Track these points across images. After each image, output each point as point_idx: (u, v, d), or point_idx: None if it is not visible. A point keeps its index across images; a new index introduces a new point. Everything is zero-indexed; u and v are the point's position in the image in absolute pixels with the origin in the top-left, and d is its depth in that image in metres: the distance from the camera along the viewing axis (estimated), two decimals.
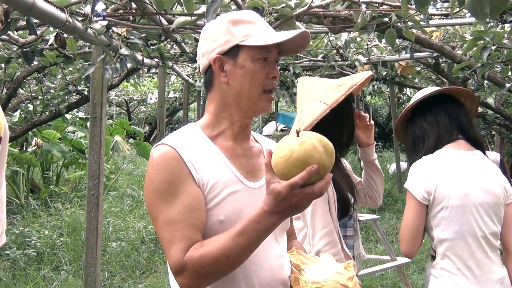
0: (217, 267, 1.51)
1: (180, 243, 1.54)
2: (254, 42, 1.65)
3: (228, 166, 1.70)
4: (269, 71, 1.69)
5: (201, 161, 1.65)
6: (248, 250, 1.51)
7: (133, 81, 8.55)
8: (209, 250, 1.51)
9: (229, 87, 1.71)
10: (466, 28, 5.52)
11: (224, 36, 1.69)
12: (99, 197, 4.23)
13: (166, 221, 1.58)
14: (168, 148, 1.63)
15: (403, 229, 2.55)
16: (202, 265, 1.51)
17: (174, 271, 1.55)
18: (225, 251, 1.49)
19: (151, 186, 1.62)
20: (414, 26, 3.59)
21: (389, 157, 15.71)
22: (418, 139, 2.71)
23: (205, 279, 1.55)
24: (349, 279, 1.72)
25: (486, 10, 1.96)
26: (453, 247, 2.49)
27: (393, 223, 8.48)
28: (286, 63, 6.39)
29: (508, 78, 4.63)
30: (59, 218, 7.64)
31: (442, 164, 2.54)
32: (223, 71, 1.71)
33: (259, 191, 1.70)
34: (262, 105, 1.72)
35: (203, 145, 1.70)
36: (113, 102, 17.66)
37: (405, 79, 7.95)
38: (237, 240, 1.49)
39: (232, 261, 1.51)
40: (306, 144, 1.39)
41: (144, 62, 4.74)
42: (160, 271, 6.27)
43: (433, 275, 2.57)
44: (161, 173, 1.61)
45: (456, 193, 2.48)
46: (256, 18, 1.73)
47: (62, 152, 9.33)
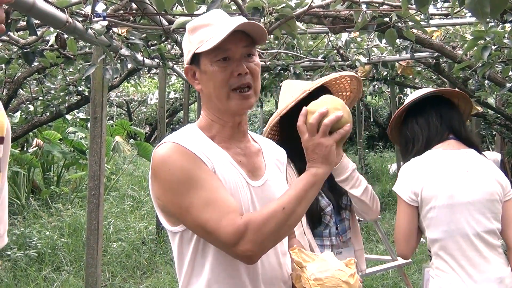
0: (277, 220, 1.53)
1: (230, 214, 1.54)
2: (204, 47, 1.65)
3: (233, 164, 1.71)
4: (233, 69, 1.67)
5: (209, 155, 1.65)
6: (299, 201, 1.57)
7: (133, 82, 8.54)
8: (265, 208, 1.57)
9: (203, 93, 1.76)
10: (467, 28, 5.52)
11: (187, 46, 1.76)
12: (100, 197, 4.23)
13: (203, 203, 1.55)
14: (174, 144, 1.63)
15: (396, 231, 2.58)
16: (263, 221, 1.53)
17: (234, 239, 1.51)
18: (280, 203, 1.56)
19: (172, 179, 1.59)
20: (414, 26, 3.59)
21: (390, 157, 15.69)
22: (409, 140, 2.72)
23: (267, 238, 1.54)
24: (351, 276, 1.74)
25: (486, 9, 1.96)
26: (444, 247, 2.49)
27: (394, 223, 8.47)
28: (286, 63, 6.39)
29: (508, 77, 4.64)
30: (60, 219, 7.64)
31: (429, 165, 2.55)
32: (196, 79, 1.76)
33: (260, 189, 1.73)
34: (234, 104, 1.69)
35: (205, 143, 1.71)
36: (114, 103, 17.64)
37: (405, 79, 7.94)
38: (287, 193, 1.59)
39: (288, 213, 1.55)
40: None
41: (145, 62, 4.74)
42: (161, 271, 6.27)
43: (431, 275, 2.56)
44: (178, 163, 1.59)
45: (442, 193, 2.48)
46: (213, 19, 1.73)
47: (62, 153, 9.33)
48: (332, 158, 1.59)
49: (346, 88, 2.70)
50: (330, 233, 2.55)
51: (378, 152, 16.19)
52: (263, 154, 1.86)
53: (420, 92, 2.75)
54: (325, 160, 1.58)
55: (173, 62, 6.56)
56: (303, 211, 1.60)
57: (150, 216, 8.28)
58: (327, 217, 2.53)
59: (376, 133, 19.00)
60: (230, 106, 1.69)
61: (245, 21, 1.64)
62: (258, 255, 1.56)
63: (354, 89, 2.71)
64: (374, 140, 17.73)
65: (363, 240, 7.15)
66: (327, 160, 1.58)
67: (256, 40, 1.73)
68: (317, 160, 1.58)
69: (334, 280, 1.70)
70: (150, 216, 8.28)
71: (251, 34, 1.70)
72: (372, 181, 11.90)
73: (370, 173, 12.72)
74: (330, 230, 2.55)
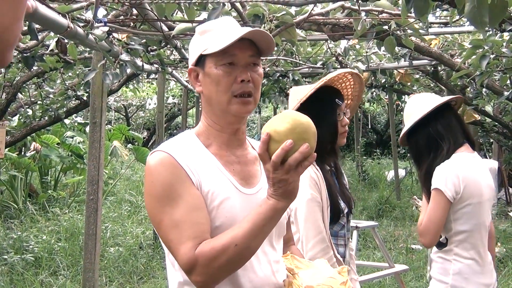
0: (228, 257, 1.51)
1: (189, 242, 1.54)
2: (211, 49, 1.67)
3: (223, 172, 1.71)
4: (237, 75, 1.68)
5: (197, 167, 1.66)
6: (254, 236, 1.53)
7: (132, 87, 8.55)
8: (218, 241, 1.53)
9: (204, 96, 1.76)
10: (465, 36, 5.54)
11: (195, 47, 1.76)
12: (98, 202, 4.23)
13: (172, 223, 1.58)
14: (165, 154, 1.65)
15: (431, 224, 2.81)
16: (213, 256, 1.51)
17: (187, 269, 1.55)
18: (233, 239, 1.52)
19: (152, 192, 1.63)
20: (413, 34, 3.61)
21: (387, 164, 15.70)
22: (434, 142, 2.92)
23: (218, 272, 1.54)
24: (343, 284, 1.75)
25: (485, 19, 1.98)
26: (469, 237, 2.84)
27: (391, 230, 8.48)
28: (285, 69, 6.41)
29: (506, 86, 4.66)
30: (57, 223, 7.63)
31: (465, 167, 2.82)
32: (198, 81, 1.76)
33: (254, 197, 1.72)
34: (235, 109, 1.70)
35: (198, 152, 1.72)
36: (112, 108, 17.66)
37: (403, 87, 7.98)
38: (242, 226, 1.53)
39: (241, 248, 1.52)
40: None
41: (144, 67, 4.75)
42: (158, 276, 6.26)
43: (445, 258, 2.89)
44: (161, 177, 1.62)
45: (476, 192, 2.82)
46: (223, 24, 1.75)
47: (60, 157, 9.33)
48: (295, 193, 1.53)
49: (348, 95, 2.71)
50: (345, 234, 2.63)
51: (376, 159, 16.20)
52: (260, 162, 1.86)
53: (438, 98, 2.97)
54: (287, 195, 1.51)
55: (172, 67, 6.58)
56: (259, 244, 1.58)
57: (147, 221, 8.27)
58: (344, 218, 2.59)
59: (374, 140, 19.05)
60: (230, 110, 1.70)
61: (256, 29, 1.66)
62: (210, 285, 1.58)
63: (355, 97, 2.73)
64: (371, 147, 17.76)
65: (361, 247, 7.18)
66: (290, 195, 1.52)
67: (263, 51, 1.74)
68: (279, 193, 1.51)
69: (326, 287, 1.70)
70: (147, 221, 8.27)
71: (259, 44, 1.71)
72: (370, 188, 11.91)
73: (368, 180, 12.73)
74: (345, 231, 2.62)
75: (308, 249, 2.35)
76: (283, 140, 1.46)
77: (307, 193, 2.37)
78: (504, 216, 10.00)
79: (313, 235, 2.36)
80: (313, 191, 2.38)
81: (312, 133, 1.51)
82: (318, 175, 2.44)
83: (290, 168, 1.46)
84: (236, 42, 1.62)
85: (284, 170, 1.47)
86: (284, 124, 1.49)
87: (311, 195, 2.37)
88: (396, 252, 7.20)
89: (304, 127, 1.49)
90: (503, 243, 7.62)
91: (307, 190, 2.37)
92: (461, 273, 2.84)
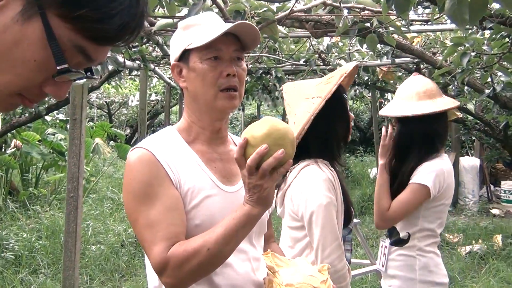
0: (199, 261, 1.50)
1: (162, 242, 1.53)
2: (196, 43, 1.65)
3: (204, 170, 1.70)
4: (223, 69, 1.67)
5: (177, 164, 1.65)
6: (227, 241, 1.51)
7: (114, 83, 8.49)
8: (191, 244, 1.52)
9: (188, 91, 1.74)
10: (447, 35, 5.57)
11: (178, 42, 1.74)
12: (78, 199, 4.19)
13: (146, 222, 1.57)
14: (145, 151, 1.63)
15: (402, 215, 2.87)
16: (184, 259, 1.50)
17: (158, 269, 1.54)
18: (205, 243, 1.50)
19: (129, 189, 1.62)
20: (395, 32, 3.61)
21: (370, 161, 15.78)
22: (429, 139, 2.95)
23: (189, 275, 1.53)
24: (323, 282, 1.74)
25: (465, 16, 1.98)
26: (433, 234, 2.92)
27: (373, 227, 8.50)
28: (268, 66, 6.40)
29: (487, 84, 4.68)
30: (38, 221, 7.55)
31: (450, 168, 2.94)
32: (182, 76, 1.74)
33: (235, 195, 1.72)
34: (221, 104, 1.70)
35: (179, 148, 1.71)
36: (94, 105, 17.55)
37: (386, 84, 8.01)
38: (216, 231, 1.52)
39: (213, 253, 1.50)
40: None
41: (126, 64, 4.72)
42: (140, 274, 6.23)
43: (408, 255, 2.94)
44: (139, 175, 1.61)
45: (450, 193, 2.94)
46: (207, 19, 1.74)
47: (41, 154, 9.23)
48: (270, 199, 1.53)
49: None
50: (351, 239, 2.56)
51: (359, 156, 16.28)
52: None
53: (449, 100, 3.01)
54: (262, 201, 1.50)
55: (154, 64, 6.54)
56: (231, 250, 1.56)
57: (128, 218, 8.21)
58: (352, 223, 2.53)
59: (357, 138, 19.10)
60: (216, 105, 1.69)
61: (243, 22, 1.65)
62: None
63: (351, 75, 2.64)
64: (355, 144, 17.82)
65: None
66: (264, 201, 1.51)
67: (248, 45, 1.74)
68: (253, 199, 1.50)
69: (306, 286, 1.69)
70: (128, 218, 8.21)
71: (243, 38, 1.70)
72: (353, 185, 11.95)
73: (351, 177, 12.77)
74: (351, 236, 2.55)
75: (325, 257, 2.21)
76: (258, 145, 1.46)
77: (325, 197, 2.23)
78: (486, 213, 10.10)
79: (330, 241, 2.22)
80: (330, 194, 2.25)
81: (289, 140, 1.49)
82: (334, 177, 2.32)
83: (265, 173, 1.45)
84: (221, 36, 1.62)
85: (258, 175, 1.46)
86: (261, 129, 1.49)
87: (330, 198, 2.24)
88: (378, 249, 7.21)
89: (281, 133, 1.48)
90: (484, 240, 7.69)
91: (324, 193, 2.24)
92: (426, 267, 2.91)
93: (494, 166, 12.18)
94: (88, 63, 0.90)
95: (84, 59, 0.88)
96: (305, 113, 2.33)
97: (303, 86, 2.50)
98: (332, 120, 2.40)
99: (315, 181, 2.26)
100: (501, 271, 6.32)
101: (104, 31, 0.84)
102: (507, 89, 4.22)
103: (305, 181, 2.30)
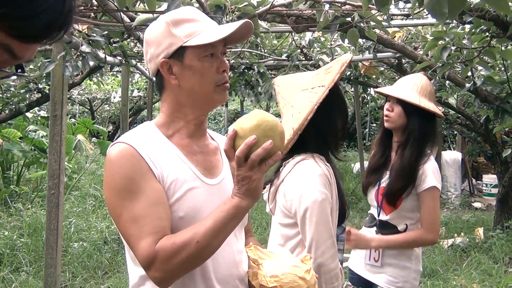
0: (188, 254, 1.49)
1: (149, 237, 1.52)
2: (198, 41, 1.63)
3: (186, 163, 1.70)
4: (218, 65, 1.69)
5: (159, 158, 1.64)
6: (216, 234, 1.51)
7: (96, 80, 8.43)
8: (180, 237, 1.51)
9: (180, 88, 1.71)
10: (428, 29, 5.60)
11: (167, 39, 1.68)
12: (60, 196, 4.16)
13: (131, 217, 1.56)
14: (125, 146, 1.62)
15: (437, 219, 2.96)
16: (174, 252, 1.49)
17: (145, 264, 1.52)
18: (194, 236, 1.50)
19: (112, 185, 1.61)
20: (376, 26, 3.62)
21: (353, 156, 15.84)
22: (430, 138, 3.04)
23: (177, 268, 1.52)
24: (306, 272, 1.77)
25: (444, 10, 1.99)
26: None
27: (357, 222, 8.54)
28: (250, 62, 6.38)
29: (468, 78, 4.71)
30: (20, 219, 7.49)
31: None
32: (172, 73, 1.70)
33: (217, 187, 1.72)
34: (218, 98, 1.73)
35: (160, 143, 1.70)
36: (76, 101, 17.42)
37: (368, 79, 8.02)
38: (205, 223, 1.52)
39: (202, 246, 1.50)
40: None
41: (107, 60, 4.68)
42: (123, 271, 6.20)
43: None
44: (121, 170, 1.59)
45: None
46: (196, 14, 1.72)
47: (23, 152, 9.16)
48: (258, 191, 1.52)
49: None
50: (344, 238, 2.46)
51: (342, 151, 16.31)
52: (220, 153, 1.86)
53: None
54: (251, 193, 1.51)
55: (136, 60, 6.50)
56: (220, 243, 1.56)
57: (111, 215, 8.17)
58: (346, 222, 2.45)
59: None
60: (214, 100, 1.72)
61: (247, 21, 1.65)
62: (168, 282, 1.56)
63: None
64: None
65: None
66: (253, 193, 1.51)
67: (234, 40, 1.75)
68: (242, 191, 1.50)
69: (291, 276, 1.72)
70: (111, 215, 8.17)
71: (232, 35, 1.67)
72: None
73: None
74: (344, 235, 2.46)
75: (318, 255, 2.15)
76: (247, 136, 1.46)
77: (320, 193, 2.17)
78: (468, 206, 10.19)
79: (325, 239, 2.16)
80: (326, 190, 2.18)
81: (278, 132, 1.50)
82: (330, 172, 2.25)
83: (253, 164, 1.45)
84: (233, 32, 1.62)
85: (247, 166, 1.46)
86: (250, 121, 1.50)
87: (325, 194, 2.17)
88: None
89: (270, 125, 1.49)
90: (466, 233, 7.75)
91: (320, 189, 2.17)
92: (417, 256, 3.06)
93: (475, 160, 12.29)
94: (14, 61, 0.89)
95: (10, 57, 0.87)
96: (307, 104, 2.26)
97: (298, 78, 2.44)
98: (332, 112, 2.34)
99: (310, 176, 2.20)
100: (483, 263, 6.38)
101: (28, 30, 0.83)
102: (487, 83, 4.25)
103: (300, 175, 2.23)
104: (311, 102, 2.25)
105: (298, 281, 1.72)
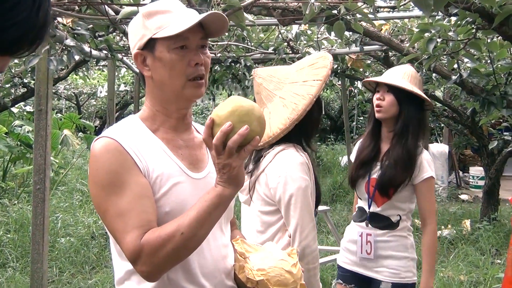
0: (174, 246, 1.48)
1: (135, 231, 1.51)
2: (165, 33, 1.62)
3: (171, 157, 1.69)
4: (191, 58, 1.65)
5: (144, 152, 1.63)
6: (201, 224, 1.50)
7: (82, 74, 8.37)
8: (164, 230, 1.51)
9: (153, 81, 1.71)
10: (415, 22, 5.60)
11: (140, 30, 1.68)
12: (45, 191, 4.13)
13: (117, 212, 1.55)
14: (110, 140, 1.60)
15: (433, 209, 3.01)
16: (159, 245, 1.48)
17: (132, 258, 1.51)
18: (179, 227, 1.49)
19: (97, 179, 1.59)
20: (362, 19, 3.61)
21: (341, 149, 15.86)
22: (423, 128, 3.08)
23: (164, 261, 1.51)
24: (293, 266, 1.77)
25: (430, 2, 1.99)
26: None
27: (344, 215, 8.57)
28: (237, 55, 6.36)
29: (454, 70, 4.72)
30: (6, 214, 7.45)
31: None
32: (146, 65, 1.70)
33: (202, 182, 1.71)
34: (189, 93, 1.69)
35: (144, 137, 1.68)
36: (62, 96, 17.31)
37: (356, 72, 8.02)
38: (189, 214, 1.51)
39: (187, 237, 1.49)
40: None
41: (92, 54, 4.64)
42: (111, 266, 6.17)
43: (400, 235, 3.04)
44: (106, 165, 1.58)
45: None
46: (171, 6, 1.70)
47: (8, 147, 9.09)
48: (241, 179, 1.52)
49: None
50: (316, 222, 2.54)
51: (330, 145, 16.35)
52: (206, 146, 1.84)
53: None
54: (233, 181, 1.51)
55: (122, 53, 6.45)
56: (206, 233, 1.55)
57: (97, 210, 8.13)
58: (318, 207, 2.56)
59: (328, 126, 19.18)
60: (184, 95, 1.68)
61: (214, 12, 1.62)
62: (155, 275, 1.55)
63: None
64: (325, 133, 17.89)
65: None
66: (235, 181, 1.51)
67: (213, 33, 1.71)
68: (224, 179, 1.51)
69: (277, 269, 1.72)
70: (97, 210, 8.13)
71: (209, 26, 1.67)
72: (324, 173, 12.02)
73: (322, 166, 12.84)
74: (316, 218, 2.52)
75: (303, 238, 2.28)
76: (223, 123, 1.45)
77: (303, 180, 2.31)
78: (455, 199, 10.25)
79: (307, 223, 2.30)
80: (307, 177, 2.32)
81: (254, 117, 1.48)
82: (308, 160, 2.38)
83: (231, 151, 1.45)
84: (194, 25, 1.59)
85: (226, 154, 1.46)
86: (226, 108, 1.49)
87: (307, 181, 2.32)
88: None
89: (245, 110, 1.47)
90: (453, 225, 7.80)
91: (302, 176, 2.31)
92: (413, 245, 3.09)
93: (462, 152, 12.37)
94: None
95: None
96: (305, 96, 2.36)
97: (280, 71, 2.52)
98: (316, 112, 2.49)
99: (293, 165, 2.32)
100: (470, 255, 6.42)
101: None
102: (473, 75, 4.26)
103: (283, 164, 2.33)
104: (308, 95, 2.35)
105: (285, 274, 1.72)
